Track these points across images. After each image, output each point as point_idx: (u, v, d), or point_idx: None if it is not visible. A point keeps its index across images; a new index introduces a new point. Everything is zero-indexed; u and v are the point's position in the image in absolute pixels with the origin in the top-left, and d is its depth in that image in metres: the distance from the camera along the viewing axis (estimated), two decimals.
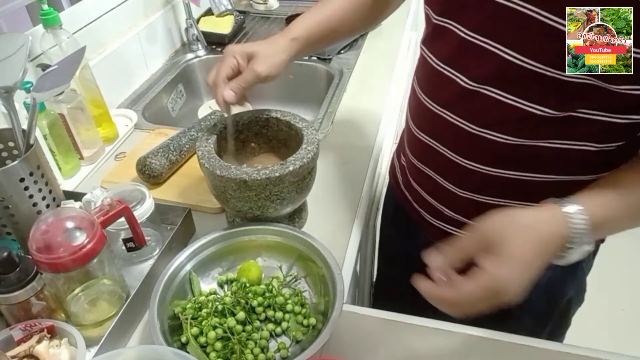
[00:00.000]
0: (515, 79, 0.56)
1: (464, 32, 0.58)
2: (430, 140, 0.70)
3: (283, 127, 0.78)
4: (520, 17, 0.52)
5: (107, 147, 1.00)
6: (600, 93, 0.52)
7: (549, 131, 0.58)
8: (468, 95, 0.60)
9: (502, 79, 0.57)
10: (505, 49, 0.55)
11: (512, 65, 0.54)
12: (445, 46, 0.62)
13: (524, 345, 0.63)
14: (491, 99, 0.58)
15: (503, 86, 0.57)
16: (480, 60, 0.57)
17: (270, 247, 0.72)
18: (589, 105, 0.54)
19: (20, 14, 0.96)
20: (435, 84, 0.66)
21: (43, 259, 0.57)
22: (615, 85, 0.51)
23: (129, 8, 1.20)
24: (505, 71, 0.55)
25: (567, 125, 0.57)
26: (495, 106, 0.58)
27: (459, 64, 0.61)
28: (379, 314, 0.68)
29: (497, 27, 0.55)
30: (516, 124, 0.59)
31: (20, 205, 0.66)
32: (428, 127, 0.70)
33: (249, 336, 0.62)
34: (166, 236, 0.74)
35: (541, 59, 0.53)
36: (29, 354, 0.57)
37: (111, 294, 0.67)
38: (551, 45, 0.51)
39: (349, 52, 1.34)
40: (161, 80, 1.27)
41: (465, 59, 0.60)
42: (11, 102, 0.65)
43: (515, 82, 0.56)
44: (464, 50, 0.59)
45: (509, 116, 0.58)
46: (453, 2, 0.60)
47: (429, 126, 0.70)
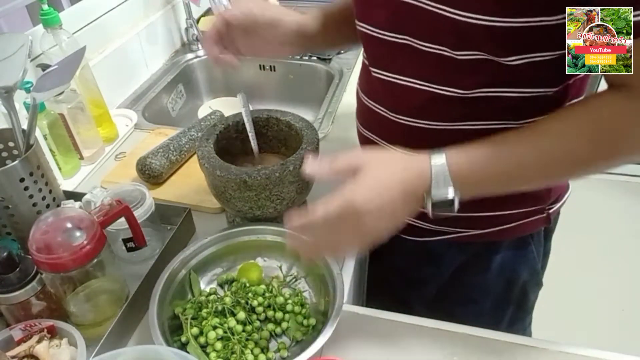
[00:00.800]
0: (423, 64, 0.58)
1: (372, 31, 0.61)
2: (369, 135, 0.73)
3: (283, 127, 0.78)
4: (419, 10, 0.54)
5: (107, 147, 1.00)
6: (493, 67, 0.53)
7: (463, 112, 0.60)
8: (387, 85, 0.63)
9: (411, 66, 0.60)
10: (410, 37, 0.57)
11: (418, 50, 0.57)
12: (367, 47, 0.65)
13: (524, 345, 0.63)
14: (405, 87, 0.61)
15: (412, 72, 0.60)
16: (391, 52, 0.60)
17: (270, 247, 0.72)
18: (486, 81, 0.56)
19: (20, 14, 0.96)
20: (367, 79, 0.69)
21: (43, 259, 0.57)
22: (502, 58, 0.52)
23: (129, 8, 1.20)
24: (412, 57, 0.58)
25: (477, 105, 0.58)
26: (407, 92, 0.61)
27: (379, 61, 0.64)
28: (379, 314, 0.68)
29: (401, 22, 0.57)
30: (429, 107, 0.61)
31: (20, 205, 0.66)
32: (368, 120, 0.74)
33: (249, 336, 0.62)
34: (166, 236, 0.74)
35: (437, 41, 0.55)
36: (29, 354, 0.57)
37: (111, 294, 0.67)
38: (444, 30, 0.53)
39: (349, 52, 1.35)
40: (161, 80, 1.27)
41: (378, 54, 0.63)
42: (11, 102, 0.65)
43: (423, 66, 0.58)
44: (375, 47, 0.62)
45: (421, 100, 0.61)
46: (361, 4, 0.63)
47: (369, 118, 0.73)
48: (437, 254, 0.78)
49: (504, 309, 0.82)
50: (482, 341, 0.63)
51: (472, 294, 0.81)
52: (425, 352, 0.63)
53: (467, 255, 0.77)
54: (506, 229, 0.72)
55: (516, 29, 0.49)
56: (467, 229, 0.73)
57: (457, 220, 0.70)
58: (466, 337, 0.64)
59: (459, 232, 0.73)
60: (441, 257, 0.79)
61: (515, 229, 0.72)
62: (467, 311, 0.80)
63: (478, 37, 0.51)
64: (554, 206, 0.74)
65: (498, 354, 0.62)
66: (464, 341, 0.64)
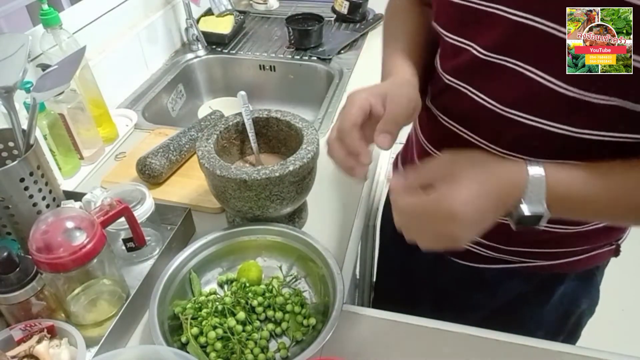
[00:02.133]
0: (542, 101, 0.52)
1: (479, 52, 0.55)
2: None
3: (283, 127, 0.78)
4: (542, 34, 0.49)
5: (107, 147, 1.00)
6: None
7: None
8: (495, 117, 0.57)
9: (527, 101, 0.54)
10: (528, 66, 0.52)
11: (535, 83, 0.51)
12: (461, 64, 0.59)
13: (523, 345, 0.63)
14: (517, 122, 0.56)
15: (527, 109, 0.54)
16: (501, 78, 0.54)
17: (270, 247, 0.72)
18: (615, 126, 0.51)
19: (20, 14, 0.96)
20: (450, 99, 0.62)
21: (43, 259, 0.57)
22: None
23: (129, 8, 1.20)
24: (529, 92, 0.53)
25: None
26: (520, 128, 0.55)
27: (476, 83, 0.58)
28: (379, 314, 0.68)
29: (516, 44, 0.52)
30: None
31: (20, 205, 0.66)
32: (442, 144, 0.67)
33: (249, 336, 0.62)
34: (166, 236, 0.74)
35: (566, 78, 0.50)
36: (29, 354, 0.57)
37: (111, 294, 0.67)
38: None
39: (349, 52, 1.35)
40: (161, 80, 1.27)
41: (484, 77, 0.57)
42: (11, 102, 0.65)
43: (542, 103, 0.53)
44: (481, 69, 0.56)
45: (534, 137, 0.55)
46: (467, 19, 0.55)
47: (445, 143, 0.66)
48: (494, 282, 0.74)
49: (554, 339, 0.78)
50: (482, 341, 0.63)
51: (527, 325, 0.75)
52: (425, 352, 0.63)
53: (530, 286, 0.73)
54: (575, 261, 0.69)
55: None
56: (533, 260, 0.69)
57: (522, 253, 0.68)
58: (466, 337, 0.64)
59: (523, 262, 0.70)
60: (499, 286, 0.75)
61: (584, 261, 0.70)
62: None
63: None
64: (622, 236, 0.72)
65: (498, 354, 0.62)
66: (464, 341, 0.64)
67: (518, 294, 0.74)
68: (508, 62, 0.53)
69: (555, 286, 0.73)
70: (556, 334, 0.79)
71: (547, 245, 0.67)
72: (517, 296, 0.75)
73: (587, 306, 0.77)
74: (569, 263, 0.69)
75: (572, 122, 0.52)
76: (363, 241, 1.04)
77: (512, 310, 0.76)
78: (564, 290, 0.73)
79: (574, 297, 0.74)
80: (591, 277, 0.73)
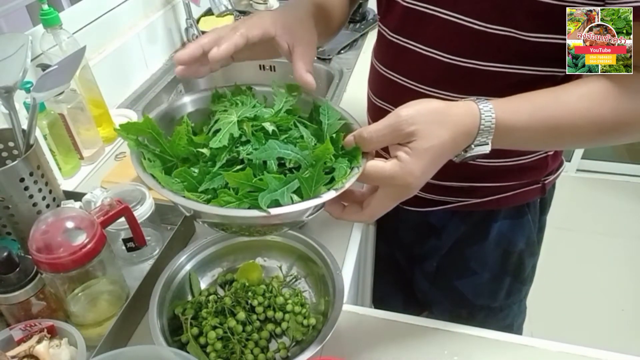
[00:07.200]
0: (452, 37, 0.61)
1: (406, 2, 0.64)
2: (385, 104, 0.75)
3: None
4: None
5: (107, 147, 1.00)
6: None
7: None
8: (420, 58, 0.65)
9: (442, 39, 0.62)
10: (444, 10, 0.60)
11: (450, 23, 0.60)
12: (393, 16, 0.68)
13: (524, 345, 0.63)
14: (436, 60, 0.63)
15: (447, 48, 0.62)
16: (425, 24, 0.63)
17: (270, 247, 0.72)
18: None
19: (20, 14, 0.96)
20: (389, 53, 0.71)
21: (43, 259, 0.57)
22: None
23: (128, 8, 1.20)
24: (444, 29, 0.61)
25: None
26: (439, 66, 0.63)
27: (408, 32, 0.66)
28: (379, 314, 0.68)
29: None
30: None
31: (20, 205, 0.66)
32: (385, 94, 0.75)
33: (249, 336, 0.62)
34: (166, 236, 0.74)
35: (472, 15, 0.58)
36: (29, 354, 0.57)
37: (111, 294, 0.67)
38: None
39: (349, 52, 1.35)
40: (161, 80, 1.27)
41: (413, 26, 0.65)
42: (11, 102, 0.65)
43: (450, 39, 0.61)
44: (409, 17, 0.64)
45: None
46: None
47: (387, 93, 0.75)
48: (439, 226, 0.82)
49: (501, 280, 0.85)
50: (482, 341, 0.63)
51: (471, 265, 0.84)
52: (425, 352, 0.63)
53: (467, 226, 0.80)
54: (504, 197, 0.76)
55: (552, 5, 0.51)
56: (468, 199, 0.76)
57: (459, 190, 0.74)
58: (466, 337, 0.64)
59: (460, 201, 0.77)
60: (443, 229, 0.82)
61: (512, 197, 0.76)
62: (467, 283, 0.84)
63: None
64: (549, 178, 0.78)
65: (498, 354, 0.62)
66: (464, 341, 0.64)
67: (460, 235, 0.82)
68: (429, 10, 0.61)
69: (490, 224, 0.79)
70: (501, 273, 0.84)
71: (478, 180, 0.74)
72: (460, 237, 0.82)
73: (525, 245, 0.82)
74: (499, 200, 0.76)
75: (478, 57, 0.61)
76: (363, 241, 1.03)
77: (458, 254, 0.83)
78: (499, 229, 0.79)
79: (509, 235, 0.80)
80: (522, 215, 0.79)
